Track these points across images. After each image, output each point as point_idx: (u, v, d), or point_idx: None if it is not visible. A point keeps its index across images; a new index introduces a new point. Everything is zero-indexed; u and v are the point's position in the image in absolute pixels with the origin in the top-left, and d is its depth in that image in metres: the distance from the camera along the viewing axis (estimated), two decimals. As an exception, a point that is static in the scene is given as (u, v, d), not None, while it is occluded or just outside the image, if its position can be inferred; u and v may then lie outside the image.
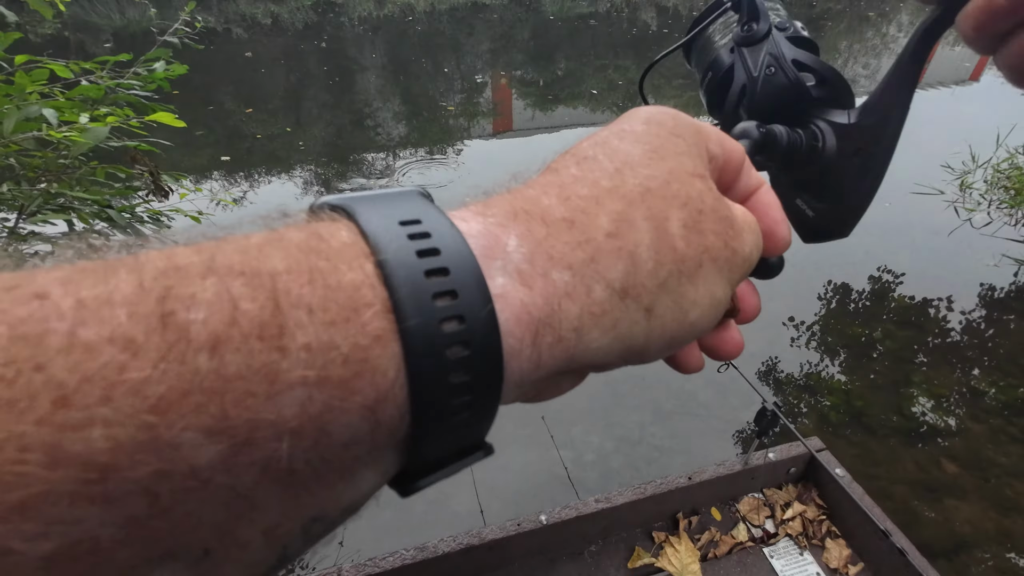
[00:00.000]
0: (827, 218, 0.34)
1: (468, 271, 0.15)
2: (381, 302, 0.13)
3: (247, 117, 5.01)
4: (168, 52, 1.71)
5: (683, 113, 0.21)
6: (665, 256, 0.18)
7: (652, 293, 0.18)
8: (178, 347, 0.11)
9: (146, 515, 0.11)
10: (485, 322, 0.15)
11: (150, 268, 0.12)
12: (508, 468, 1.89)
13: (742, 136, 0.31)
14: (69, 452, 0.10)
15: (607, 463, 1.92)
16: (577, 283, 0.17)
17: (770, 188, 0.24)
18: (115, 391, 0.10)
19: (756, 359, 2.36)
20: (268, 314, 0.12)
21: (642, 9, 9.64)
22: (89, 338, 0.10)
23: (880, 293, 2.77)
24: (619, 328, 0.17)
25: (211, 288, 0.12)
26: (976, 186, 3.33)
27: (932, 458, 1.94)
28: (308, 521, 0.14)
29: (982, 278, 2.81)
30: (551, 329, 0.16)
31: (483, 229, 0.16)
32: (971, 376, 2.30)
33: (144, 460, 0.10)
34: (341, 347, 0.13)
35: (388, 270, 0.14)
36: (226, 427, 0.11)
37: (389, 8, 9.43)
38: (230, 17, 8.80)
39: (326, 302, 0.13)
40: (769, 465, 1.17)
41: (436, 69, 6.69)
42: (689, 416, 2.09)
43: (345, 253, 0.14)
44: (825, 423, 2.09)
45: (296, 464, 0.12)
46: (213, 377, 0.11)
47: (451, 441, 0.15)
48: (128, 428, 0.10)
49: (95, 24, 8.12)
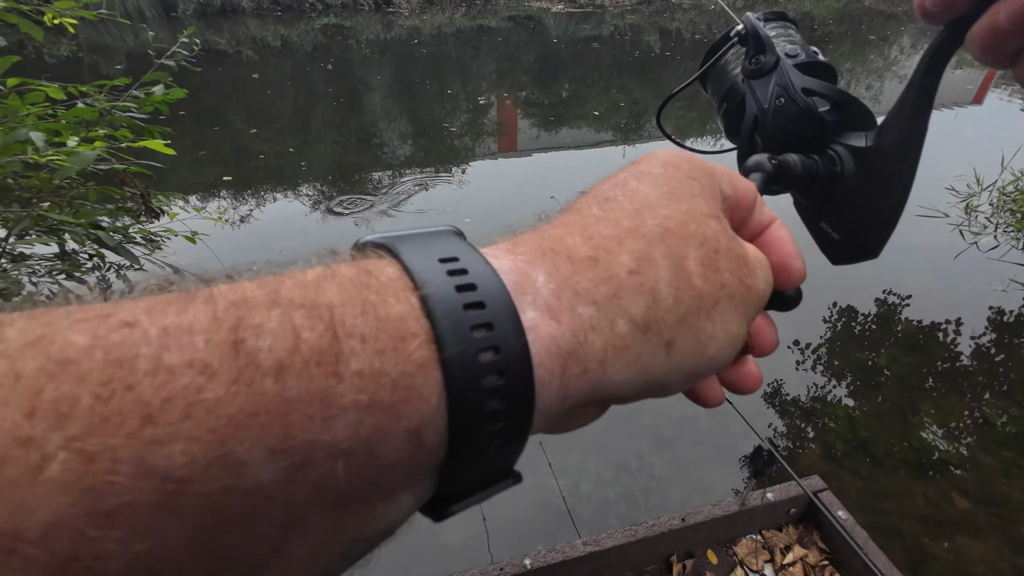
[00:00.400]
0: (854, 240, 0.34)
1: (503, 305, 0.16)
2: (425, 333, 0.15)
3: (252, 137, 5.06)
4: (167, 76, 1.72)
5: (697, 156, 0.23)
6: (684, 293, 0.19)
7: (672, 328, 0.19)
8: (248, 371, 0.12)
9: (214, 529, 0.12)
10: (519, 352, 0.16)
11: (222, 300, 0.13)
12: (502, 497, 1.83)
13: (755, 169, 0.31)
14: (153, 465, 0.11)
15: (603, 493, 1.86)
16: (601, 317, 0.17)
17: (782, 223, 0.25)
18: (193, 410, 0.11)
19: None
20: (326, 343, 0.13)
21: (645, 32, 9.77)
22: (172, 362, 0.12)
23: (886, 316, 2.71)
24: (641, 361, 0.18)
25: (276, 319, 0.13)
26: (981, 209, 3.28)
27: (942, 492, 1.87)
28: (349, 541, 0.15)
29: (990, 302, 2.76)
30: (578, 361, 0.17)
31: (514, 266, 0.17)
32: (981, 405, 2.22)
33: (215, 475, 0.11)
34: (390, 373, 0.14)
35: (430, 303, 0.15)
36: (287, 447, 0.12)
37: (396, 31, 9.61)
38: (241, 39, 8.99)
39: (377, 332, 0.14)
40: (768, 505, 1.11)
41: (441, 90, 6.77)
42: (689, 445, 2.03)
43: (392, 287, 0.15)
44: (830, 453, 2.02)
45: (346, 485, 0.13)
46: (277, 400, 0.12)
47: (484, 467, 0.16)
48: (203, 444, 0.11)
49: (109, 46, 8.32)
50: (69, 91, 1.55)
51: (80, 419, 0.11)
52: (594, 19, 10.52)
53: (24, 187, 1.56)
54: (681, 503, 1.80)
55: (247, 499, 0.12)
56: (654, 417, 2.13)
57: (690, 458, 1.98)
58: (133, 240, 1.85)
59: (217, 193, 4.03)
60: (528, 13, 10.74)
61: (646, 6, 11.40)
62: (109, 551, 0.10)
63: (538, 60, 8.25)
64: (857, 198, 0.32)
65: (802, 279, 0.25)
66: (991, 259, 3.03)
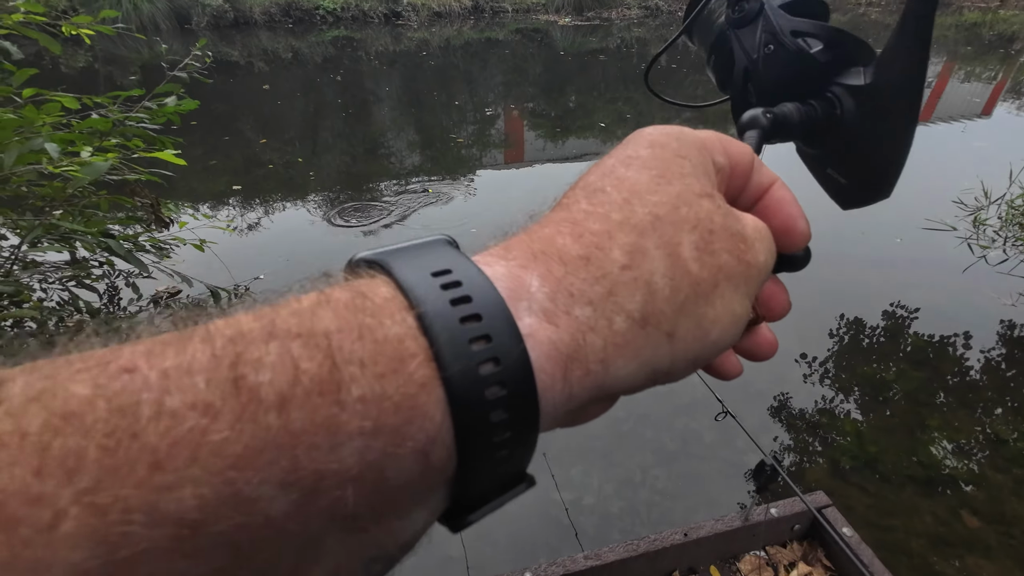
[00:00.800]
0: (862, 184, 0.32)
1: (499, 315, 0.16)
2: (424, 352, 0.15)
3: (262, 147, 5.13)
4: (179, 87, 1.75)
5: (687, 129, 0.22)
6: (680, 281, 0.19)
7: (672, 318, 0.18)
8: (250, 408, 0.12)
9: (231, 565, 0.12)
10: (518, 361, 0.16)
11: (219, 337, 0.13)
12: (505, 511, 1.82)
13: (749, 127, 0.30)
14: (165, 512, 0.11)
15: (606, 507, 1.84)
16: (599, 317, 0.17)
17: (783, 184, 0.24)
18: (200, 453, 0.11)
19: (765, 397, 2.28)
20: (326, 371, 0.13)
21: (651, 45, 9.84)
22: (175, 406, 0.12)
23: (894, 330, 2.69)
24: (643, 355, 0.18)
25: (274, 351, 0.13)
26: (990, 222, 3.26)
27: (952, 510, 1.84)
28: (368, 560, 0.15)
29: (1000, 317, 2.72)
30: (579, 363, 0.17)
31: (507, 272, 0.17)
32: (991, 421, 2.19)
33: (227, 514, 0.11)
34: (392, 396, 0.14)
35: (427, 321, 0.15)
36: (296, 479, 0.12)
37: (405, 43, 9.73)
38: (253, 51, 9.13)
39: (376, 356, 0.14)
40: (771, 521, 1.10)
41: (449, 101, 6.84)
42: (693, 459, 2.01)
43: (387, 308, 0.15)
44: (837, 468, 1.99)
45: (359, 509, 0.13)
46: (282, 433, 0.12)
47: (495, 476, 0.16)
48: (212, 486, 0.11)
49: (124, 57, 8.48)
50: (84, 102, 1.59)
51: (89, 472, 0.11)
52: (601, 32, 10.61)
53: (38, 196, 1.59)
54: (685, 518, 1.78)
55: (261, 533, 0.12)
56: (657, 431, 2.11)
57: (694, 472, 1.97)
58: (143, 248, 1.88)
59: (226, 202, 4.07)
60: (535, 26, 10.85)
61: (652, 19, 11.48)
62: None
63: (545, 72, 8.32)
64: (861, 139, 0.30)
65: (807, 240, 0.24)
66: (1000, 273, 3.00)
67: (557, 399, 0.17)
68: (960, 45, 9.00)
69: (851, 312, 2.75)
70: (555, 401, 0.17)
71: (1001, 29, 9.93)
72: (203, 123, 5.22)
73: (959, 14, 11.28)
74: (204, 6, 10.09)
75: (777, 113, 0.30)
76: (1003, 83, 6.97)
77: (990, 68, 7.57)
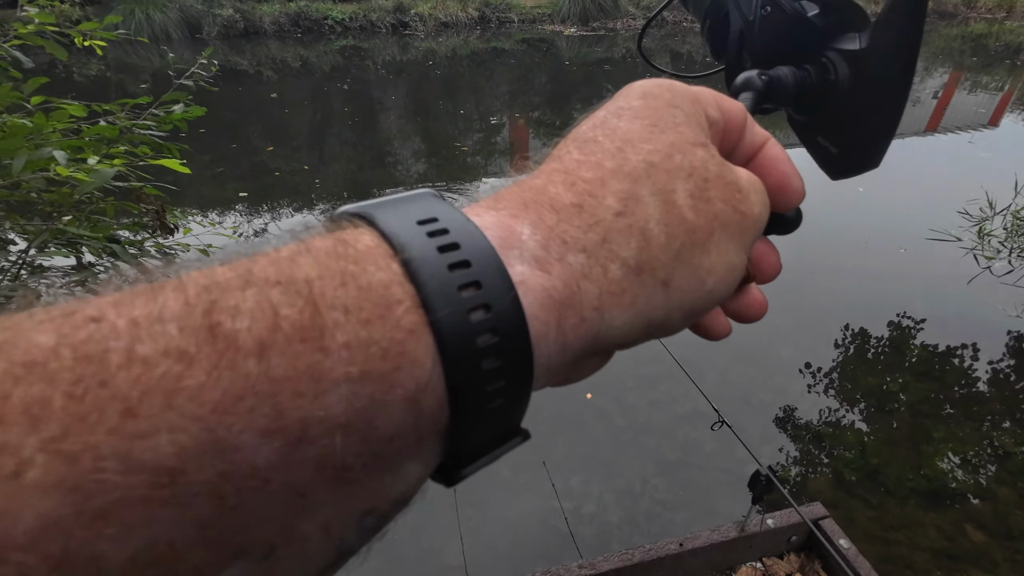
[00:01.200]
0: (852, 152, 0.32)
1: (488, 262, 0.15)
2: (411, 298, 0.14)
3: (269, 154, 5.18)
4: (186, 95, 1.78)
5: (678, 83, 0.21)
6: (676, 228, 0.18)
7: (667, 266, 0.18)
8: (228, 355, 0.12)
9: (215, 516, 0.11)
10: (510, 308, 0.15)
11: (193, 285, 0.13)
12: (506, 518, 1.82)
13: (744, 88, 0.30)
14: (140, 459, 0.10)
15: (606, 516, 1.83)
16: (593, 264, 0.17)
17: (776, 142, 0.24)
18: (175, 399, 0.11)
19: (769, 408, 2.27)
20: (307, 317, 0.13)
21: (656, 55, 9.89)
22: (146, 353, 0.11)
23: (899, 341, 2.67)
24: (639, 304, 0.18)
25: (252, 298, 0.13)
26: (995, 233, 3.24)
27: (956, 523, 1.81)
28: (361, 514, 0.14)
29: (1006, 328, 2.70)
30: (573, 311, 0.17)
31: (497, 221, 0.17)
32: (996, 434, 2.17)
33: (208, 463, 0.11)
34: (379, 342, 0.13)
35: (413, 267, 0.15)
36: (280, 427, 0.12)
37: (412, 53, 9.84)
38: (262, 60, 9.26)
39: (360, 302, 0.13)
40: (768, 532, 1.09)
41: (455, 110, 6.89)
42: (693, 468, 2.00)
43: (371, 255, 0.15)
44: (840, 480, 1.97)
45: (348, 460, 0.13)
46: (263, 380, 0.12)
47: (489, 428, 0.16)
48: (190, 433, 0.11)
49: (135, 65, 8.62)
50: (93, 109, 1.62)
51: (54, 420, 0.10)
52: (606, 42, 10.69)
53: (46, 202, 1.61)
54: (685, 528, 1.77)
55: (247, 483, 0.11)
56: (657, 440, 2.10)
57: (694, 482, 1.95)
58: (148, 254, 1.90)
59: (233, 208, 4.12)
60: (541, 36, 10.94)
61: (657, 30, 11.55)
62: (105, 549, 0.10)
63: (550, 81, 8.38)
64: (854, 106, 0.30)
65: (801, 198, 0.24)
66: (1005, 284, 2.98)
67: (551, 348, 0.16)
68: (966, 56, 8.99)
69: (855, 323, 2.74)
70: (549, 351, 0.16)
71: (1008, 40, 9.92)
72: (211, 130, 5.29)
73: (965, 25, 11.28)
74: (215, 16, 10.26)
75: (772, 76, 0.30)
76: (1010, 94, 6.95)
77: (997, 79, 7.55)
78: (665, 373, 2.35)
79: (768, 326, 2.72)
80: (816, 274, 3.10)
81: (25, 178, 1.27)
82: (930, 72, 7.98)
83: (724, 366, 2.46)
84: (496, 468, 2.27)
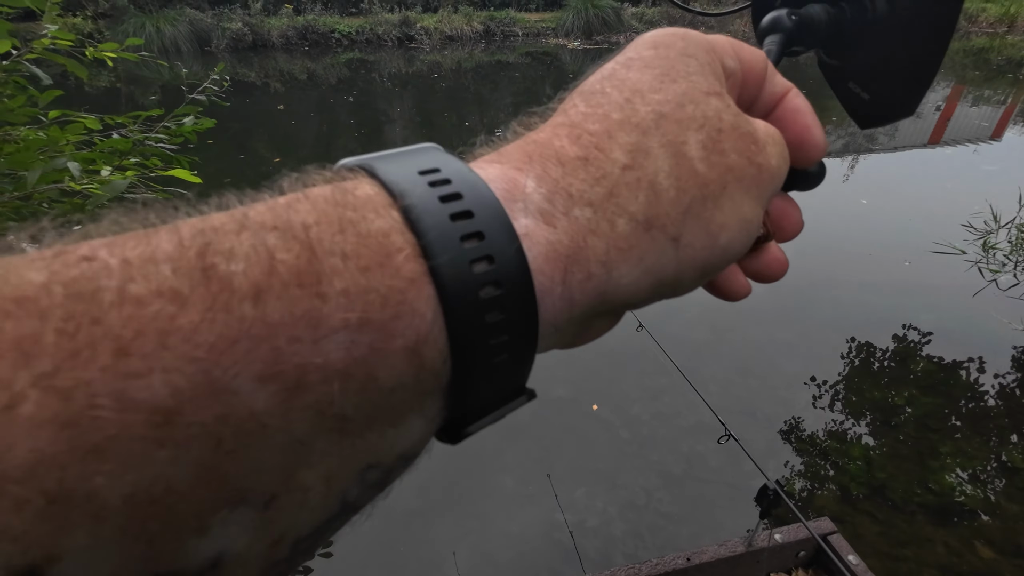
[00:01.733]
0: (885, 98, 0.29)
1: (492, 213, 0.15)
2: (411, 247, 0.14)
3: (276, 165, 5.24)
4: (198, 109, 1.81)
5: (693, 31, 0.20)
6: (686, 182, 0.18)
7: (677, 221, 0.17)
8: (222, 296, 0.11)
9: (213, 459, 0.11)
10: (514, 260, 0.15)
11: (187, 229, 0.12)
12: (509, 531, 1.81)
13: (771, 30, 0.27)
14: (135, 398, 0.10)
15: (610, 530, 1.82)
16: (600, 219, 0.16)
17: (798, 92, 0.23)
18: (169, 340, 0.11)
19: (773, 421, 2.26)
20: (305, 262, 0.12)
21: None
22: (139, 292, 0.11)
23: (904, 354, 2.65)
24: (647, 261, 0.17)
25: (247, 241, 0.12)
26: (1000, 246, 3.23)
27: (964, 540, 1.79)
28: (364, 468, 0.14)
29: (1012, 342, 2.68)
30: (579, 266, 0.16)
31: (501, 174, 0.17)
32: (1004, 448, 2.15)
33: (205, 405, 0.11)
34: (379, 290, 0.13)
35: (414, 216, 0.14)
36: (277, 371, 0.12)
37: (417, 65, 9.95)
38: (269, 72, 9.38)
39: (359, 248, 0.13)
40: (775, 548, 1.09)
41: (460, 122, 6.96)
42: (698, 482, 1.98)
43: (370, 203, 0.14)
44: (847, 495, 1.96)
45: (348, 410, 0.13)
46: (259, 324, 0.11)
47: (493, 384, 0.15)
48: (185, 375, 0.11)
49: (146, 78, 8.74)
50: (106, 121, 1.64)
51: (47, 356, 0.10)
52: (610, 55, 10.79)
53: (59, 212, 1.64)
54: (690, 542, 1.76)
55: (243, 428, 0.11)
56: (661, 453, 2.09)
57: (699, 496, 1.94)
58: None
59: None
60: (545, 49, 11.06)
61: None
62: (101, 486, 0.10)
63: (555, 94, 8.44)
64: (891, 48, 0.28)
65: (823, 152, 0.22)
66: (1011, 297, 2.97)
67: (557, 305, 0.16)
68: (968, 70, 9.04)
69: (860, 336, 2.73)
70: (555, 307, 0.16)
71: (1009, 54, 9.97)
72: (219, 142, 5.35)
73: (967, 39, 11.36)
74: (224, 29, 10.42)
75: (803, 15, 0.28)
76: (1012, 107, 6.97)
77: (999, 92, 7.58)
78: (668, 385, 2.35)
79: (772, 338, 2.72)
80: (819, 286, 3.10)
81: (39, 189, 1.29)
82: (932, 85, 8.01)
83: (727, 379, 2.45)
84: (498, 480, 2.26)
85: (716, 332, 2.74)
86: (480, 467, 2.04)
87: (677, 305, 2.90)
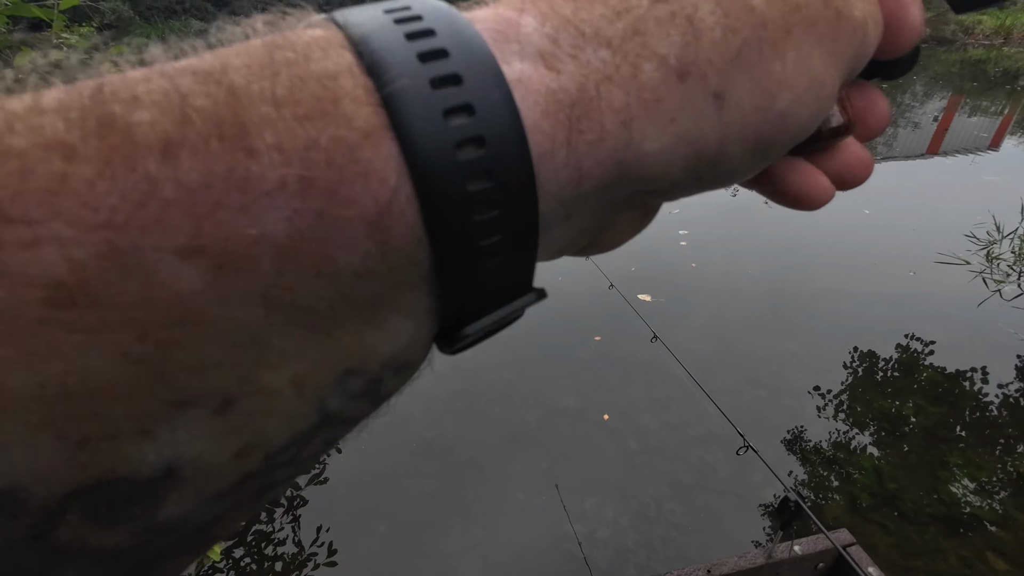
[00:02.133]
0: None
1: (473, 53, 0.12)
2: (365, 92, 0.11)
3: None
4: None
5: None
6: (738, 20, 0.13)
7: (722, 71, 0.13)
8: (122, 150, 0.09)
9: (140, 350, 0.09)
10: (499, 109, 0.12)
11: (90, 81, 0.10)
12: (517, 542, 1.80)
13: None
14: (24, 273, 0.09)
15: (621, 541, 1.81)
16: (620, 62, 0.13)
17: None
18: (59, 203, 0.09)
19: (779, 431, 2.26)
20: (227, 110, 0.10)
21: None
22: (20, 145, 0.09)
23: (909, 364, 2.66)
24: (680, 122, 0.13)
25: (156, 86, 0.10)
26: (1004, 257, 3.25)
27: (977, 551, 1.79)
28: (342, 373, 0.12)
29: (1018, 352, 2.70)
30: (590, 122, 0.12)
31: (493, 14, 0.13)
32: (1014, 458, 2.15)
33: (115, 284, 0.09)
34: (322, 144, 0.10)
35: (371, 55, 0.11)
36: (200, 245, 0.10)
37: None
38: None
39: (296, 93, 0.10)
40: (795, 559, 1.09)
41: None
42: (709, 492, 1.98)
43: (317, 43, 0.11)
44: (856, 506, 1.95)
45: (307, 299, 0.11)
46: (171, 185, 0.09)
47: (486, 274, 0.12)
48: (86, 246, 0.09)
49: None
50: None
51: None
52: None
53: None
54: (702, 554, 1.75)
55: (171, 314, 0.10)
56: (671, 463, 2.09)
57: (710, 507, 1.94)
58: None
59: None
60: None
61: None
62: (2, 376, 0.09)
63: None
64: None
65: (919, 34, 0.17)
66: (1016, 308, 2.98)
67: (561, 173, 0.12)
68: (966, 81, 9.14)
69: (864, 345, 2.74)
70: (558, 176, 0.12)
71: (1006, 65, 10.08)
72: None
73: (963, 51, 11.49)
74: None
75: None
76: (1010, 117, 7.04)
77: (997, 103, 7.66)
78: (677, 395, 2.35)
79: (778, 349, 2.72)
80: (823, 295, 3.11)
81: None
82: (930, 96, 8.10)
83: (737, 389, 2.46)
84: (507, 490, 2.25)
85: (723, 342, 2.74)
86: (488, 477, 2.04)
87: (682, 313, 2.91)
